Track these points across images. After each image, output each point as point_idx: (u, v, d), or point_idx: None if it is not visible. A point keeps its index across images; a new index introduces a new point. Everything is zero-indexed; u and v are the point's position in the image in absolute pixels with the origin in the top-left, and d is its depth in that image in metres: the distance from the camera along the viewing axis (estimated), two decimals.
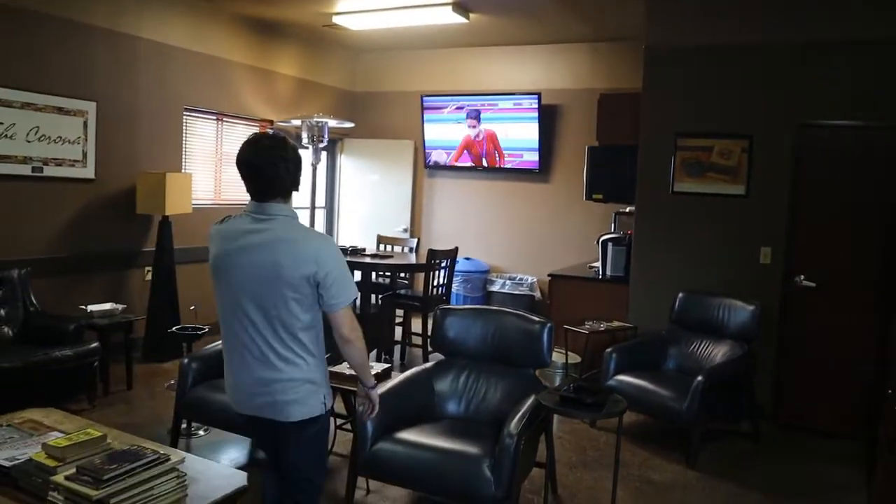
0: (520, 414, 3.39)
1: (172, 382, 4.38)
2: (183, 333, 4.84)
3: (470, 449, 3.32)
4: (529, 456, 3.55)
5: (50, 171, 5.62)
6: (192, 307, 5.59)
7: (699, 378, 4.37)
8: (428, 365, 4.06)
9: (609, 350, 4.95)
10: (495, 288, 8.06)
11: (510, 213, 8.38)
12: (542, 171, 8.04)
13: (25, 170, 5.47)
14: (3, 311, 5.12)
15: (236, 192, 7.57)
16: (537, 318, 3.92)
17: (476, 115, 8.21)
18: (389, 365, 4.05)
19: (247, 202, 2.58)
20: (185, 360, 4.26)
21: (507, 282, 8.04)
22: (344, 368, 3.73)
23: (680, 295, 5.20)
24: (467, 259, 8.04)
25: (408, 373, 3.95)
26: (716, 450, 4.69)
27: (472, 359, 4.01)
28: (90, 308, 5.33)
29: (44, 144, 5.55)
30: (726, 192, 5.29)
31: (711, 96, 5.31)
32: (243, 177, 2.55)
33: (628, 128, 5.70)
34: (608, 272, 5.84)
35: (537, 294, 7.98)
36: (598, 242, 6.01)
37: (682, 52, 5.37)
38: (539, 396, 3.55)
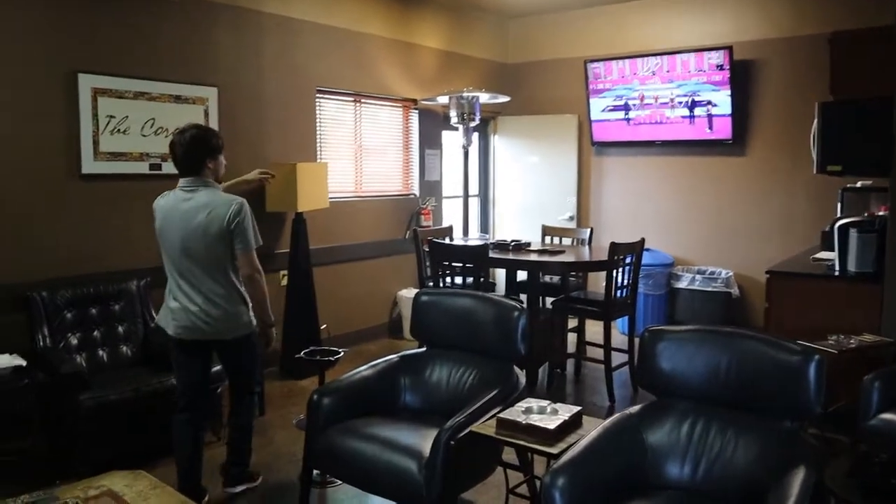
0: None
1: (302, 418, 3.51)
2: (312, 360, 3.94)
3: None
4: None
5: (169, 167, 4.83)
6: (324, 326, 4.73)
7: None
8: (634, 410, 2.92)
9: (870, 377, 3.60)
10: (682, 284, 6.75)
11: (697, 195, 7.02)
12: (736, 141, 6.63)
13: (142, 168, 4.81)
14: (121, 329, 4.48)
15: (380, 182, 6.71)
16: (795, 346, 2.69)
17: (652, 79, 6.91)
18: (580, 409, 2.97)
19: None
20: (315, 397, 3.36)
21: (697, 276, 6.71)
22: (518, 416, 2.75)
23: None
24: (647, 250, 6.73)
25: (610, 422, 2.83)
26: None
27: (698, 401, 2.84)
28: None
29: (161, 138, 4.86)
30: None
31: None
32: None
33: (878, 74, 4.28)
34: (849, 267, 4.44)
35: (734, 291, 6.60)
36: (832, 228, 4.61)
37: None
38: (812, 470, 2.34)
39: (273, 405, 4.81)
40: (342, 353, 3.99)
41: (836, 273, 4.51)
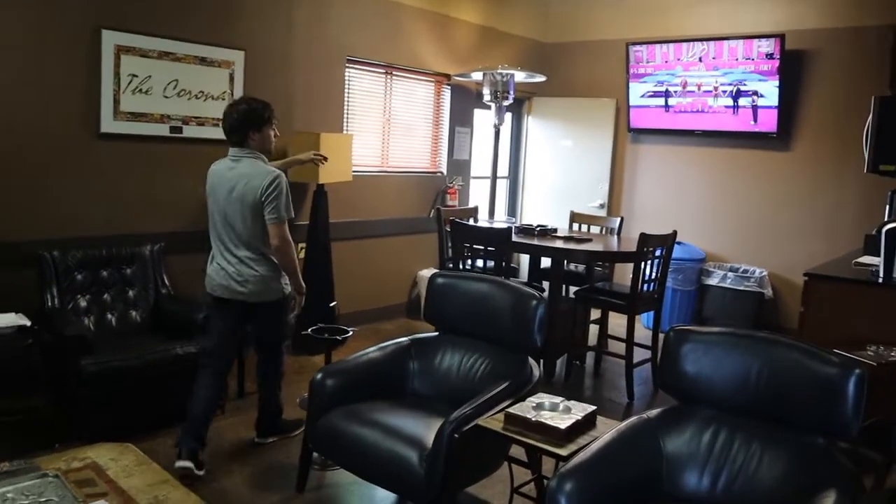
0: None
1: (305, 397, 3.38)
2: (319, 338, 3.79)
3: None
4: None
5: (190, 131, 4.80)
6: (333, 303, 4.58)
7: None
8: (652, 414, 2.74)
9: None
10: (713, 281, 6.50)
11: (735, 189, 6.75)
12: (781, 135, 6.34)
13: (163, 130, 4.68)
14: (131, 293, 4.39)
15: (407, 158, 6.55)
16: (834, 357, 2.47)
17: (697, 65, 6.63)
18: (595, 408, 2.79)
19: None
20: (319, 376, 3.23)
21: (729, 274, 6.46)
22: (528, 412, 2.59)
23: None
24: (678, 243, 6.47)
25: (626, 425, 2.65)
26: None
27: (722, 409, 2.65)
28: None
29: (184, 100, 4.74)
30: None
31: None
32: None
33: None
34: (895, 275, 4.18)
35: (768, 291, 6.34)
36: (879, 232, 4.34)
37: None
38: (845, 495, 2.14)
39: (285, 381, 4.68)
40: (350, 333, 3.84)
41: (881, 280, 4.25)
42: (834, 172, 6.16)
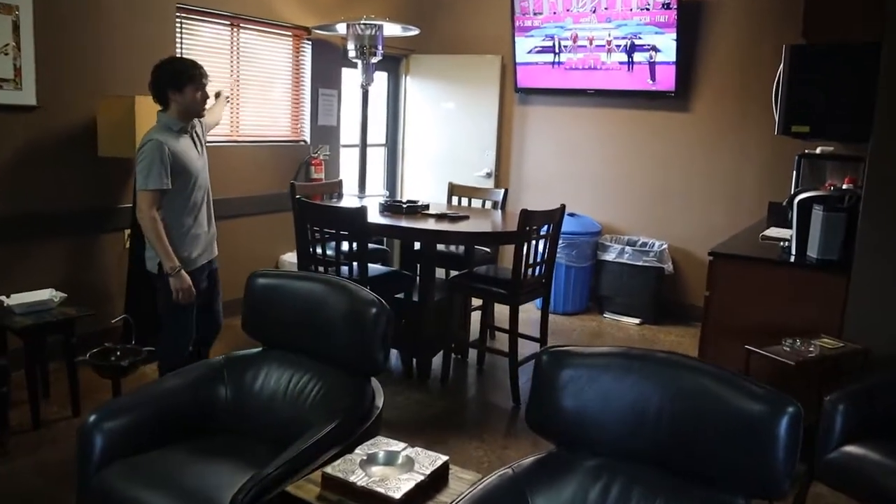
0: None
1: None
2: (99, 365, 2.89)
3: None
4: None
5: None
6: (119, 319, 3.71)
7: None
8: (522, 466, 2.02)
9: (833, 398, 2.81)
10: (610, 256, 5.90)
11: (632, 154, 6.14)
12: (680, 94, 5.76)
13: None
14: None
15: (262, 126, 5.65)
16: (759, 389, 1.80)
17: (588, 17, 5.95)
18: (446, 459, 2.06)
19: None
20: (91, 419, 2.38)
21: (627, 248, 5.87)
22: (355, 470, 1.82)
23: None
24: (571, 216, 5.86)
25: (484, 487, 1.92)
26: None
27: (615, 457, 1.96)
28: (7, 301, 3.53)
29: None
30: None
31: None
32: None
33: (860, 16, 3.40)
34: (810, 252, 3.61)
35: (668, 266, 5.79)
36: (791, 203, 3.77)
37: None
38: None
39: (96, 400, 3.76)
40: (144, 355, 2.97)
41: (793, 259, 3.69)
42: (736, 135, 5.63)
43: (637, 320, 5.86)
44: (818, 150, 4.65)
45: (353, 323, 2.52)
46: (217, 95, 3.96)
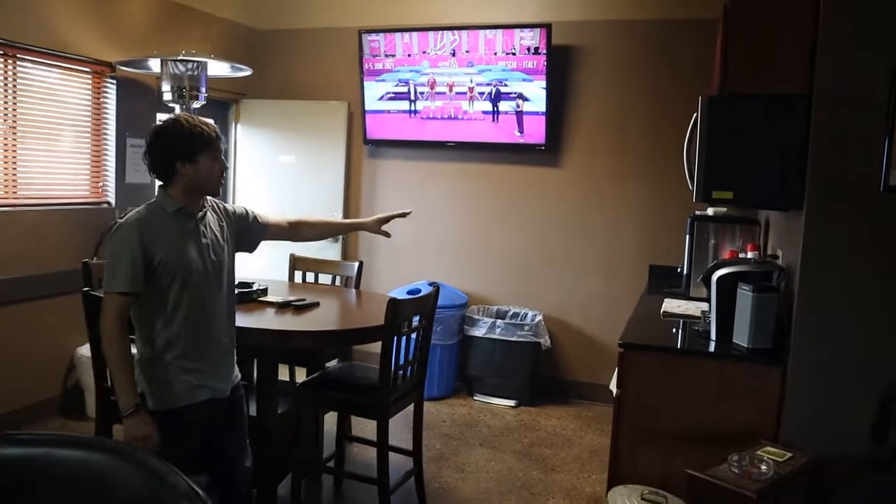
0: None
1: None
2: None
3: None
4: None
5: None
6: None
7: None
8: None
9: None
10: (479, 332, 5.15)
11: (499, 215, 5.48)
12: (550, 147, 5.18)
13: None
14: None
15: (50, 184, 4.49)
16: None
17: (447, 60, 5.28)
18: None
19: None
20: None
21: (499, 322, 5.15)
22: None
23: None
24: (432, 285, 5.09)
25: None
26: None
27: None
28: None
29: None
30: None
31: None
32: None
33: (786, 62, 2.86)
34: (741, 341, 2.99)
35: (545, 340, 5.12)
36: (706, 280, 3.16)
37: None
38: None
39: None
40: None
41: (718, 348, 3.08)
42: (614, 192, 5.12)
43: (512, 402, 5.14)
44: (710, 212, 4.16)
45: None
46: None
